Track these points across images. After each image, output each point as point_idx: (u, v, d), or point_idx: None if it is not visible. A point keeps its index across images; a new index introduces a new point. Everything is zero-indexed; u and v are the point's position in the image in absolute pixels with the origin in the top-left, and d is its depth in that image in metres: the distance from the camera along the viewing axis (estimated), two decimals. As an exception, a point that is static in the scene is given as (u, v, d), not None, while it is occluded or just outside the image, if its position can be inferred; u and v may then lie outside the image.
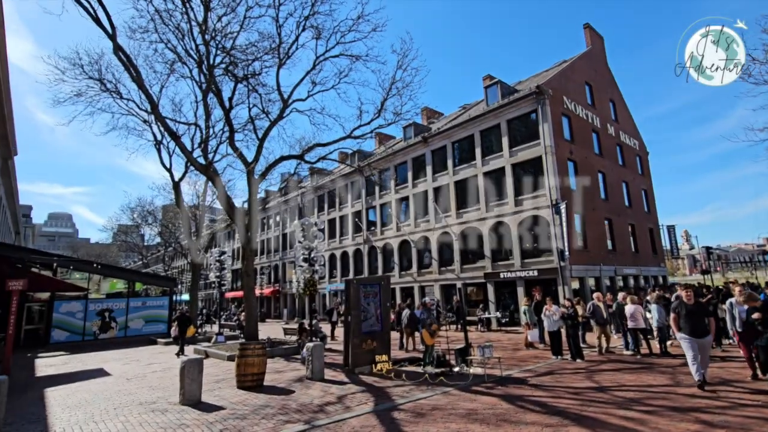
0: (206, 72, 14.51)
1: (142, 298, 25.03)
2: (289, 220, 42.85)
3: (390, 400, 7.43)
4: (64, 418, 7.02)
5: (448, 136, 26.84)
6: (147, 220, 48.45)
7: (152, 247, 61.04)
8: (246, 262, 15.01)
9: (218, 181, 15.21)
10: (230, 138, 15.43)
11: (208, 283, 46.07)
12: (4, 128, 18.08)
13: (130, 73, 13.18)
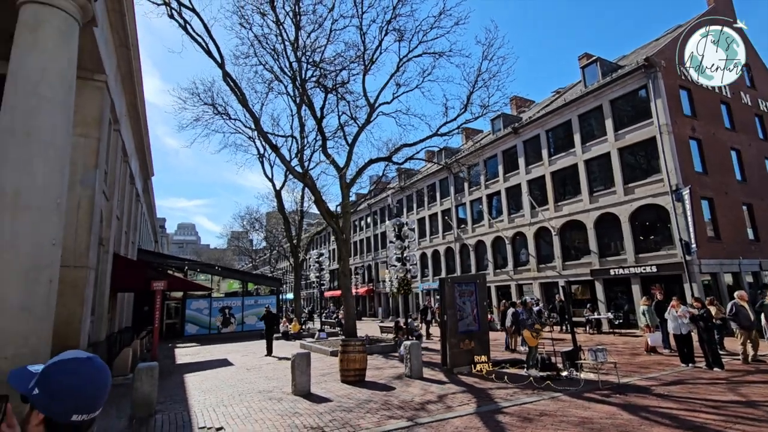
0: (299, 86, 15.58)
1: (254, 296, 27.79)
2: (379, 221, 44.05)
3: (493, 402, 7.17)
4: (200, 400, 8.07)
5: (541, 124, 25.16)
6: (254, 226, 53.82)
7: (260, 250, 67.49)
8: (342, 262, 15.76)
9: (314, 187, 16.22)
10: (323, 146, 16.37)
11: (309, 282, 49.54)
12: (144, 155, 21.48)
13: (237, 95, 14.75)
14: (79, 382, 1.01)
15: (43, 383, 0.99)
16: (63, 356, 1.06)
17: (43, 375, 1.00)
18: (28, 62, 6.64)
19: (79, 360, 1.04)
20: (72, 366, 1.02)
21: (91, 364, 1.04)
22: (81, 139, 9.55)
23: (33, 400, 0.99)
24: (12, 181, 6.19)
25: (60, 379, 1.00)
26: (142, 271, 15.55)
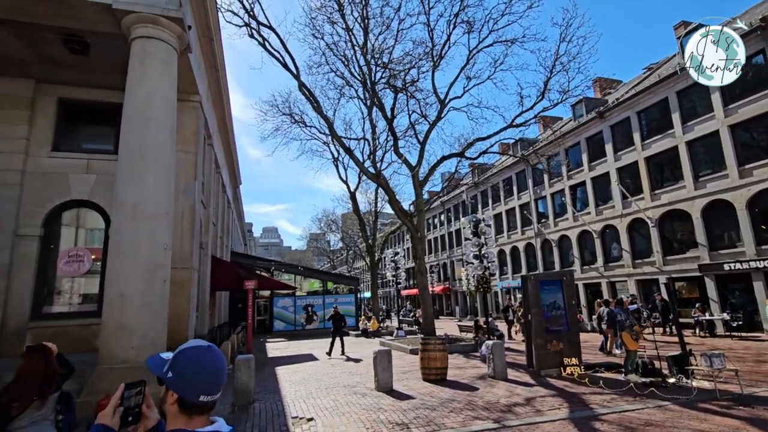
0: (370, 89, 15.90)
1: (333, 295, 28.97)
2: (453, 218, 43.36)
3: (587, 408, 6.65)
4: (291, 392, 8.60)
5: (631, 105, 22.83)
6: (331, 228, 56.20)
7: (337, 250, 70.26)
8: (418, 261, 15.77)
9: (387, 187, 16.44)
10: (394, 145, 16.53)
11: (385, 281, 50.39)
12: (233, 166, 23.52)
13: (312, 103, 15.50)
14: (204, 366, 1.13)
15: (175, 368, 1.13)
16: (188, 344, 1.18)
17: (174, 361, 1.14)
18: (139, 90, 7.58)
19: (201, 348, 1.17)
20: (196, 353, 1.15)
21: (212, 352, 1.17)
22: (182, 155, 10.68)
23: (167, 382, 1.13)
24: (131, 194, 7.12)
25: (188, 364, 1.13)
26: (236, 271, 17.01)
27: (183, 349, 1.17)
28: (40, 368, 2.89)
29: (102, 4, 7.41)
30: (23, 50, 9.44)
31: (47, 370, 2.91)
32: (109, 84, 10.41)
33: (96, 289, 10.13)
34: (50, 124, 10.29)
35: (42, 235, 9.76)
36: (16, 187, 9.62)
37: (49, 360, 2.95)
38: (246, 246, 54.95)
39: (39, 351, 2.99)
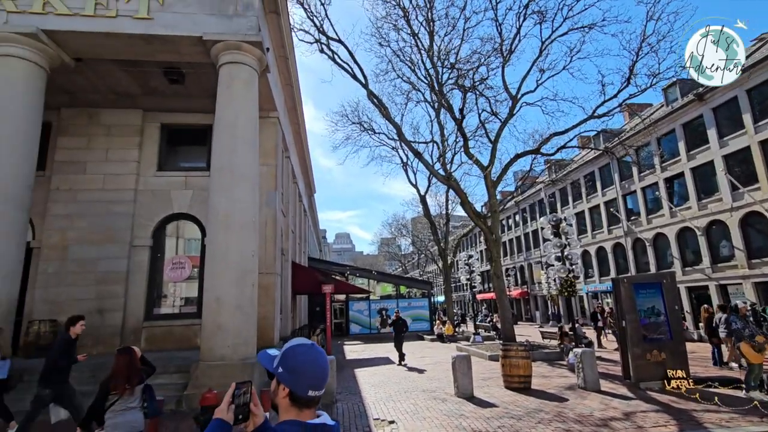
0: (437, 91, 15.79)
1: (407, 299, 29.06)
2: (529, 218, 41.31)
3: (701, 428, 5.87)
4: (371, 393, 8.74)
5: (739, 83, 19.95)
6: (401, 232, 56.55)
7: (408, 254, 70.48)
8: (493, 264, 15.22)
9: (459, 189, 16.14)
10: (464, 146, 16.20)
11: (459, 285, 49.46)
12: (307, 176, 24.78)
13: (380, 110, 15.80)
14: (311, 363, 1.21)
15: (284, 363, 1.21)
16: (293, 342, 1.25)
17: (283, 357, 1.21)
18: (227, 111, 8.29)
19: (306, 345, 1.24)
20: (303, 350, 1.23)
21: (316, 349, 1.23)
22: (263, 168, 11.47)
23: (278, 376, 1.20)
24: (223, 206, 7.79)
25: (296, 360, 1.20)
26: (314, 276, 17.82)
27: (290, 346, 1.24)
28: (126, 365, 3.70)
29: (194, 37, 8.27)
30: (133, 85, 10.84)
31: (131, 366, 3.72)
32: (202, 108, 11.55)
33: (195, 293, 11.24)
34: (155, 148, 11.68)
35: (151, 245, 11.07)
36: (130, 204, 11.04)
37: (132, 359, 3.78)
38: (321, 252, 57.43)
39: (126, 352, 3.83)
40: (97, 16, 8.04)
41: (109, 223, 10.74)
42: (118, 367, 3.71)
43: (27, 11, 7.91)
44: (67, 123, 11.21)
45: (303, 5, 14.33)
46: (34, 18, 7.90)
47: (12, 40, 7.74)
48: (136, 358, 3.83)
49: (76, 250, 10.50)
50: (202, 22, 8.32)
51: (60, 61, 8.46)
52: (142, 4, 8.17)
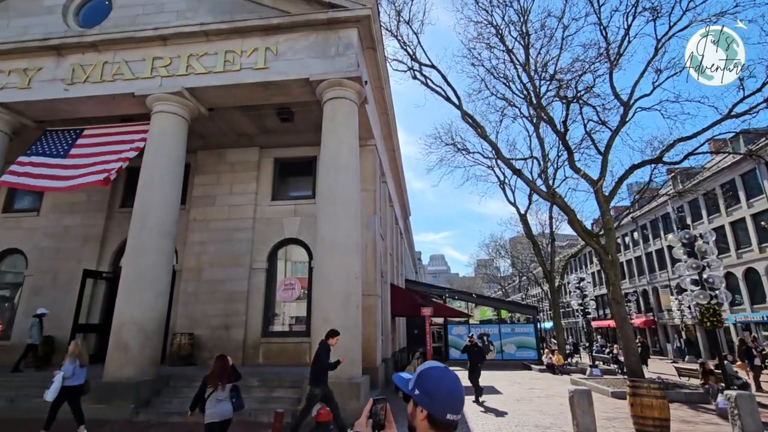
0: (535, 105, 15.08)
1: (510, 324, 27.41)
2: (650, 235, 36.44)
3: None
4: (479, 424, 8.30)
5: None
6: (500, 253, 53.99)
7: (507, 277, 66.90)
8: (611, 288, 13.62)
9: (565, 206, 14.95)
10: (569, 160, 15.05)
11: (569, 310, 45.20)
12: (402, 199, 25.30)
13: (476, 130, 15.56)
14: (448, 386, 1.20)
15: (421, 386, 1.21)
16: (428, 365, 1.25)
17: (418, 379, 1.22)
18: (330, 143, 8.93)
19: (441, 368, 1.25)
20: (439, 372, 1.23)
21: (451, 373, 1.22)
22: (363, 193, 11.99)
23: (415, 398, 1.21)
24: (327, 231, 8.29)
25: (433, 383, 1.20)
26: (412, 298, 17.85)
27: (425, 369, 1.25)
28: (220, 368, 4.91)
29: (302, 79, 9.17)
30: (251, 126, 12.34)
31: (223, 369, 4.93)
32: (308, 141, 12.64)
33: (304, 313, 12.03)
34: (269, 180, 13.03)
35: (267, 268, 12.21)
36: (250, 231, 12.39)
37: (225, 364, 4.98)
38: (417, 274, 57.53)
39: (221, 359, 5.04)
40: (226, 71, 9.41)
41: (233, 248, 12.17)
42: (215, 369, 4.93)
43: (174, 74, 9.59)
44: (202, 163, 13.13)
45: (397, 37, 15.03)
46: (180, 79, 9.53)
47: (164, 99, 9.43)
48: (227, 364, 5.01)
49: (208, 272, 12.06)
50: (308, 65, 9.21)
51: (198, 112, 10.03)
52: (260, 56, 9.35)
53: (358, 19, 9.25)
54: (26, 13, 11.00)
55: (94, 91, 9.78)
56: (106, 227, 13.01)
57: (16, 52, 10.11)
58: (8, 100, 10.02)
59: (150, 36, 9.63)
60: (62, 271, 12.53)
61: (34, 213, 13.49)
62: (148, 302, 8.29)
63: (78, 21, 11.08)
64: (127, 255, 8.77)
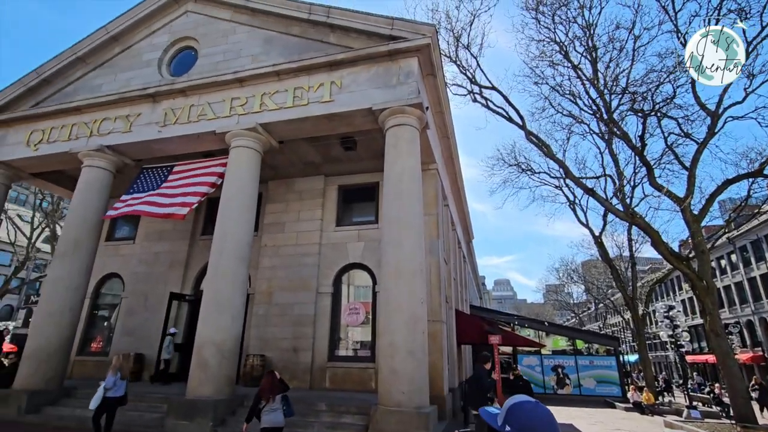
0: (606, 121, 14.24)
1: (588, 356, 25.20)
2: (753, 258, 32.08)
3: None
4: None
5: None
6: (572, 278, 50.37)
7: (582, 304, 62.09)
8: (709, 318, 12.05)
9: (648, 226, 13.69)
10: (649, 177, 13.87)
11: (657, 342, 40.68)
12: (465, 222, 24.82)
13: (541, 149, 15.02)
14: (542, 422, 1.14)
15: (511, 421, 1.16)
16: (517, 399, 1.18)
17: (508, 414, 1.16)
18: (393, 168, 9.07)
19: (532, 403, 1.17)
20: (530, 407, 1.17)
21: (543, 408, 1.15)
22: (426, 217, 11.93)
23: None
24: (392, 256, 8.31)
25: (525, 418, 1.15)
26: (479, 325, 17.15)
27: (515, 403, 1.19)
28: (269, 382, 5.75)
29: (365, 109, 9.52)
30: (317, 156, 12.95)
31: (273, 383, 5.75)
32: (369, 168, 12.99)
33: (368, 338, 12.03)
34: (333, 207, 13.49)
35: (332, 292, 12.48)
36: (316, 256, 12.81)
37: (273, 378, 5.80)
38: (481, 299, 55.43)
39: (270, 374, 5.90)
40: (295, 106, 10.05)
41: (301, 272, 12.63)
42: (265, 384, 5.77)
43: (250, 112, 10.44)
44: (273, 192, 13.97)
45: (456, 62, 15.17)
46: (254, 116, 10.34)
47: (241, 135, 10.26)
48: (275, 378, 5.83)
49: (278, 296, 12.59)
50: (370, 95, 9.55)
51: (270, 145, 10.76)
52: (326, 90, 9.89)
53: (418, 49, 9.49)
54: (129, 68, 12.71)
55: (182, 131, 10.91)
56: (189, 253, 14.20)
57: (121, 101, 11.65)
58: (114, 143, 11.50)
59: (229, 79, 10.63)
60: (152, 294, 13.81)
61: (131, 241, 15.13)
62: (225, 324, 8.80)
63: (170, 71, 12.57)
64: (207, 278, 9.46)
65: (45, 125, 12.35)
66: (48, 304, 10.31)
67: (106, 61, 13.05)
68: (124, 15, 12.97)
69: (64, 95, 12.91)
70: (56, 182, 14.86)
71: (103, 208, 11.64)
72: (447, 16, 16.00)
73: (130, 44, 13.00)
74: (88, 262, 11.13)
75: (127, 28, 12.95)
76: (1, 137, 12.87)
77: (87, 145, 11.58)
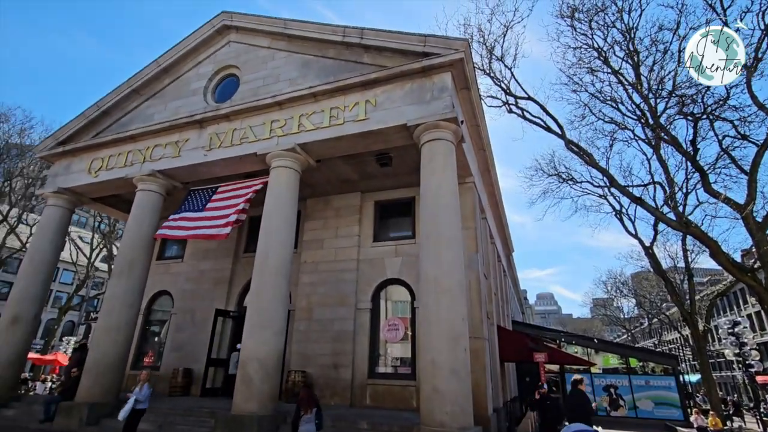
0: (653, 125, 13.58)
1: (643, 375, 23.56)
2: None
3: None
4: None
5: None
6: (621, 291, 47.66)
7: (634, 319, 58.44)
8: (781, 334, 10.97)
9: (705, 236, 12.78)
10: (704, 183, 13.01)
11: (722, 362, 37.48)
12: (504, 235, 24.22)
13: (583, 158, 14.51)
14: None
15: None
16: (574, 428, 1.11)
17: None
18: (430, 183, 9.04)
19: None
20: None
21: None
22: (464, 231, 11.71)
23: None
24: (432, 271, 8.22)
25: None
26: (523, 341, 16.52)
27: (579, 431, 1.12)
28: (307, 395, 6.55)
29: (399, 125, 9.60)
30: (353, 173, 13.15)
31: (310, 397, 6.56)
32: (405, 183, 13.02)
33: (408, 354, 11.86)
34: (370, 222, 13.57)
35: (371, 308, 12.46)
36: (354, 272, 12.89)
37: (311, 392, 6.69)
38: (524, 314, 53.44)
39: (308, 387, 6.96)
40: (331, 126, 10.31)
41: (339, 289, 12.74)
42: (303, 395, 6.56)
43: (288, 133, 10.81)
44: (311, 210, 14.28)
45: (489, 75, 15.07)
46: (293, 137, 10.69)
47: (280, 156, 10.62)
48: (312, 392, 6.79)
49: (317, 312, 12.73)
50: (405, 111, 9.64)
51: (307, 165, 11.06)
52: (361, 109, 10.09)
53: (451, 63, 9.51)
54: (177, 97, 13.58)
55: (226, 154, 11.45)
56: (233, 270, 14.71)
57: (171, 129, 12.42)
58: (164, 168, 12.23)
59: (269, 103, 11.09)
60: (198, 310, 14.37)
61: (179, 259, 15.89)
62: (268, 340, 8.98)
63: (214, 97, 13.30)
64: (250, 295, 9.74)
65: (104, 153, 13.35)
66: (106, 320, 10.96)
67: (158, 91, 14.00)
68: (174, 48, 13.93)
69: (120, 125, 13.95)
70: (113, 205, 15.95)
71: (155, 229, 12.34)
72: (479, 30, 16.01)
73: (178, 75, 13.91)
74: (142, 281, 11.79)
75: (175, 60, 13.88)
76: (67, 166, 14.03)
77: (140, 171, 12.38)
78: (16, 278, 13.33)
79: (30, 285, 12.72)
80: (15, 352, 12.12)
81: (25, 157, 31.60)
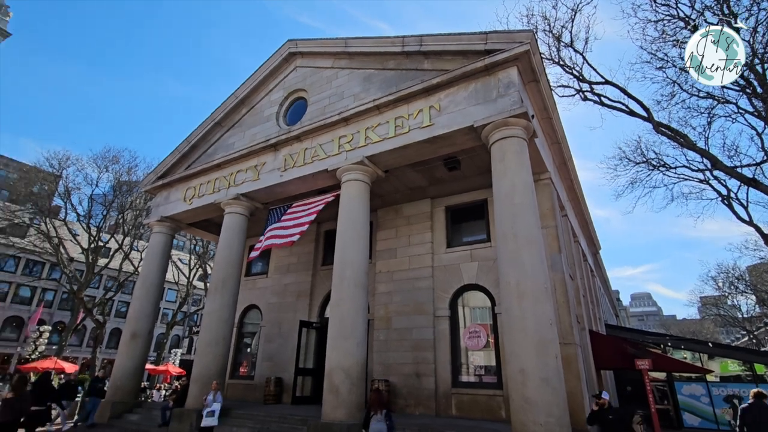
0: (762, 95, 11.77)
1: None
2: None
3: None
4: None
5: None
6: (736, 287, 41.58)
7: (756, 318, 50.50)
8: None
9: None
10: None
11: None
12: (589, 232, 22.44)
13: (676, 140, 12.99)
14: None
15: None
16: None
17: None
18: (503, 184, 8.69)
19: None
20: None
21: None
22: (544, 231, 11.08)
23: None
24: (512, 275, 7.83)
25: None
26: (620, 346, 15.05)
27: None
28: (376, 397, 7.18)
29: (466, 127, 9.39)
30: (421, 180, 13.10)
31: (379, 399, 7.17)
32: (476, 186, 12.67)
33: (492, 362, 11.38)
34: (443, 228, 13.37)
35: (450, 315, 12.21)
36: (429, 279, 12.75)
37: (380, 395, 7.33)
38: (618, 317, 48.84)
39: (377, 391, 7.69)
40: (397, 136, 10.39)
41: (415, 297, 12.67)
42: (373, 397, 7.22)
43: (356, 147, 11.10)
44: (382, 220, 14.47)
45: (559, 63, 14.20)
46: (360, 150, 10.96)
47: (350, 169, 10.94)
48: (382, 395, 7.45)
49: (395, 321, 12.78)
50: (470, 113, 9.41)
51: (376, 176, 11.24)
52: (425, 115, 10.05)
53: (516, 57, 9.12)
54: (253, 124, 14.66)
55: (299, 173, 12.07)
56: (313, 283, 15.36)
57: (250, 154, 13.42)
58: (247, 191, 13.22)
59: (335, 120, 11.51)
60: (284, 322, 15.19)
61: (264, 275, 16.99)
62: (350, 350, 9.19)
63: (285, 121, 14.15)
64: (331, 306, 10.07)
65: (195, 183, 14.81)
66: (206, 334, 12.02)
67: (236, 121, 15.26)
68: (248, 80, 15.12)
69: (207, 156, 15.39)
70: (205, 229, 17.57)
71: (243, 248, 13.35)
72: (544, 18, 15.11)
73: (253, 104, 15.04)
74: (234, 296, 12.78)
75: (250, 91, 15.05)
76: (166, 197, 15.78)
77: (227, 195, 13.51)
78: (132, 299, 15.22)
79: (144, 305, 14.41)
80: (135, 365, 13.75)
81: (132, 192, 36.22)
